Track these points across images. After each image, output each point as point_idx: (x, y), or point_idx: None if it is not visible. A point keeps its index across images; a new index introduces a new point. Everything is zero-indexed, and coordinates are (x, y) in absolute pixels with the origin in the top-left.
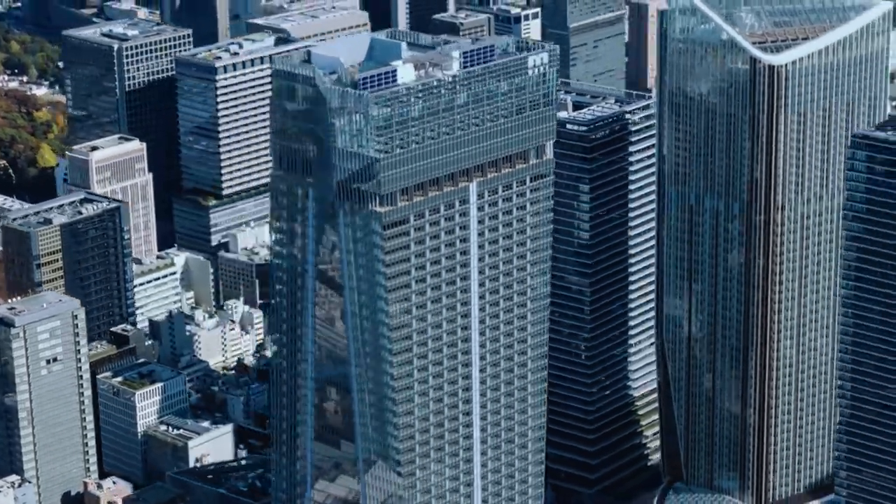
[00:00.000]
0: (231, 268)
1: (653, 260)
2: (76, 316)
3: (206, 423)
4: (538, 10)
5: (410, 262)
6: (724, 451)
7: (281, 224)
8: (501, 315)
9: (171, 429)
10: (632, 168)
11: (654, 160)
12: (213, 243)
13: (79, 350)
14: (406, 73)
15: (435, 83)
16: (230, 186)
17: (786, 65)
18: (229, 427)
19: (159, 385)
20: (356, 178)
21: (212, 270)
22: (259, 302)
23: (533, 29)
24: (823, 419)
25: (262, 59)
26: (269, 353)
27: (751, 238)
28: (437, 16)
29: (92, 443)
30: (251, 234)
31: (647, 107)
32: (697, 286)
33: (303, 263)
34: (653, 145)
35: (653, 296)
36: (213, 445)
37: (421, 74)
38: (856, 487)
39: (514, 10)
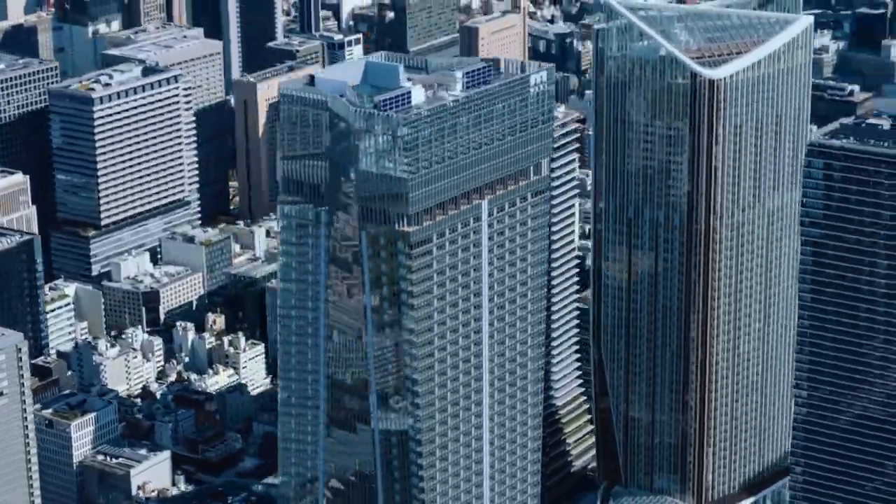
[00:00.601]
0: (116, 297)
1: (574, 272)
2: (20, 349)
3: (142, 451)
4: (359, 36)
5: (433, 280)
6: (663, 453)
7: (289, 248)
8: (507, 328)
9: (108, 458)
10: (553, 184)
11: (573, 175)
12: (94, 273)
13: (23, 384)
14: (418, 95)
15: (453, 104)
16: (108, 216)
17: (724, 78)
18: (167, 454)
19: (92, 415)
20: (382, 199)
21: (103, 300)
22: (147, 329)
23: (356, 54)
24: (755, 419)
25: (134, 89)
26: (171, 378)
27: (691, 247)
28: (271, 43)
29: (36, 476)
30: (132, 263)
31: (565, 124)
32: (636, 296)
33: (314, 286)
34: (572, 161)
35: (574, 308)
36: (152, 473)
37: (430, 96)
38: (810, 482)
39: (338, 37)
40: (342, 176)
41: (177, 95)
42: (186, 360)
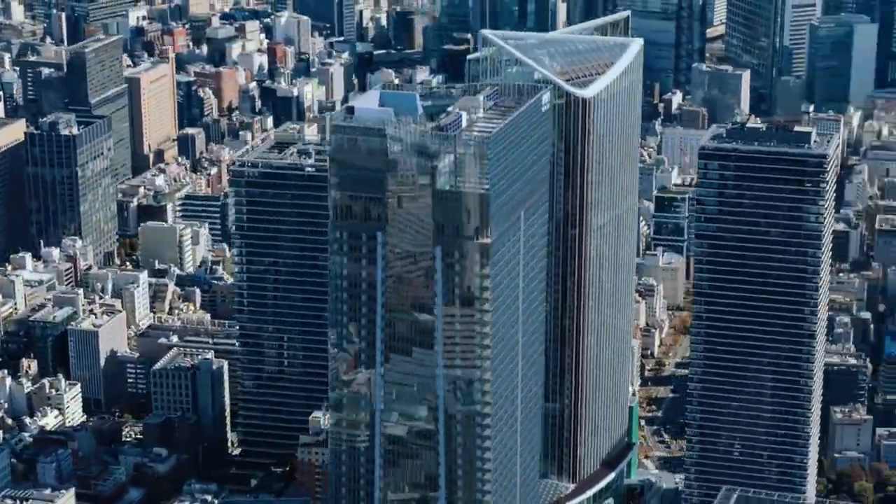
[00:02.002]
0: None
1: None
2: None
3: (46, 491)
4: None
5: (500, 287)
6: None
7: (341, 269)
8: (531, 312)
9: (18, 501)
10: None
11: None
12: None
13: None
14: (464, 118)
15: (508, 122)
16: None
17: (593, 96)
18: (72, 491)
19: None
20: (459, 215)
21: None
22: None
23: None
24: (609, 407)
25: None
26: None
27: (566, 254)
28: None
29: None
30: None
31: None
32: None
33: (369, 304)
34: None
35: None
36: None
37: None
38: (705, 453)
39: None
40: (403, 196)
41: None
42: (6, 405)
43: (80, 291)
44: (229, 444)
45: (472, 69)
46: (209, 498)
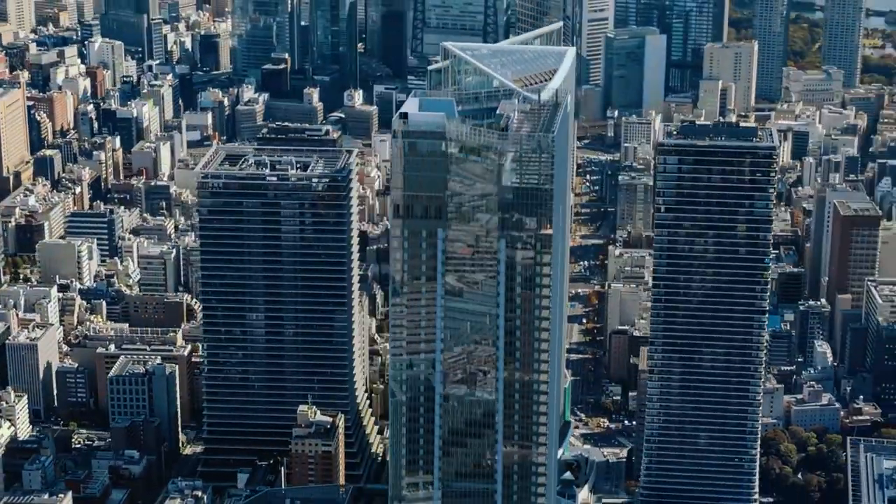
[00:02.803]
0: None
1: None
2: None
3: (45, 496)
4: None
5: (552, 276)
6: None
7: (401, 265)
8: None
9: None
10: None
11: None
12: None
13: None
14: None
15: (559, 123)
16: None
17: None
18: (69, 494)
19: None
20: (523, 208)
21: None
22: None
23: None
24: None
25: None
26: None
27: None
28: None
29: None
30: None
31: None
32: None
33: (428, 294)
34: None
35: None
36: None
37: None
38: (666, 421)
39: None
40: (464, 192)
41: None
42: None
43: (2, 307)
44: (180, 444)
45: (434, 79)
46: (199, 494)
